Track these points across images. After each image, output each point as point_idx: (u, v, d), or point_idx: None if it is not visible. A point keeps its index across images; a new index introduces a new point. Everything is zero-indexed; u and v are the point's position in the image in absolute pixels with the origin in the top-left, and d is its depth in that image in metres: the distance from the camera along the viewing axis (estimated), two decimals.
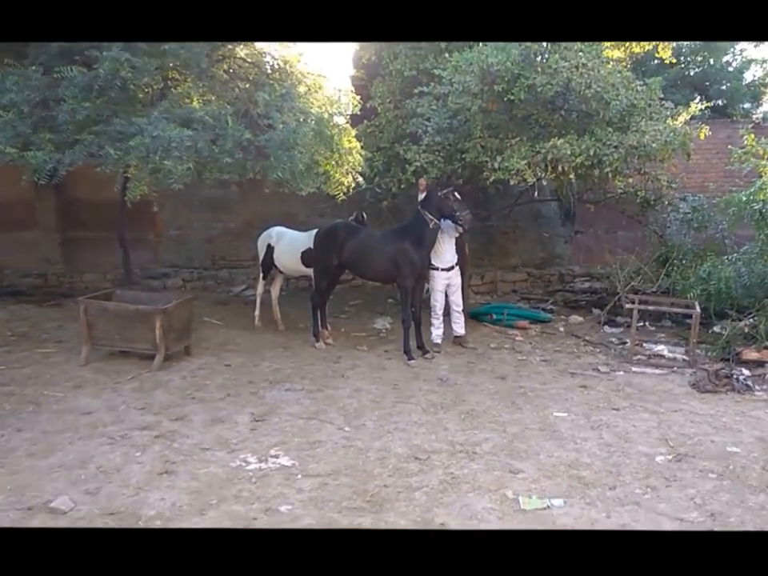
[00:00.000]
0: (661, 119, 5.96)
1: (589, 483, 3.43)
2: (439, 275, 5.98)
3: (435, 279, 6.01)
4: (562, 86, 5.58)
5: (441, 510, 3.10)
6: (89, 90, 4.26)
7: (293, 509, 3.07)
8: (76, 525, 2.88)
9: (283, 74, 5.31)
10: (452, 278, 6.01)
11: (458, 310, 6.10)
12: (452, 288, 6.03)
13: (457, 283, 6.06)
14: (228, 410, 4.35)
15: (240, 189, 6.84)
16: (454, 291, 6.04)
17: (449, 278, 5.99)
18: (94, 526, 2.88)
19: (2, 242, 8.06)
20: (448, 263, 5.96)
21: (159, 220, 8.14)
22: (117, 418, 4.15)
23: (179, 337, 5.38)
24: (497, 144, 5.95)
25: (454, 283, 6.04)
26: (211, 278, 8.56)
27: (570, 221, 8.58)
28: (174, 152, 4.20)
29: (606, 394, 4.95)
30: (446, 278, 5.98)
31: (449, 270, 5.97)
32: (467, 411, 4.46)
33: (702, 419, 4.42)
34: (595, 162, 5.70)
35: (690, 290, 6.19)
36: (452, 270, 5.99)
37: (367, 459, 3.66)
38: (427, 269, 5.91)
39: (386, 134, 6.73)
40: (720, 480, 3.50)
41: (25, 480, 3.28)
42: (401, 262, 5.62)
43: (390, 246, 5.69)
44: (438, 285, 6.01)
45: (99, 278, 8.23)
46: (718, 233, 7.17)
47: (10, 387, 4.64)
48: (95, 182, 5.69)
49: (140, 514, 2.99)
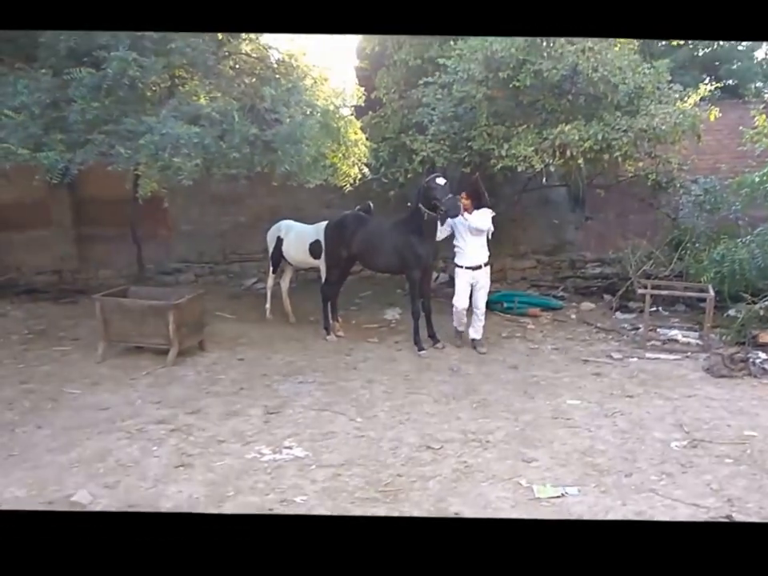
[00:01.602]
0: (670, 101, 5.89)
1: (603, 471, 3.43)
2: (463, 273, 5.58)
3: (458, 277, 5.63)
4: (568, 70, 5.53)
5: (455, 499, 3.13)
6: (98, 91, 4.30)
7: (307, 499, 3.13)
8: None
9: (288, 68, 5.31)
10: (477, 277, 5.58)
11: (477, 312, 5.67)
12: (475, 287, 5.62)
13: (483, 284, 5.62)
14: (242, 403, 4.41)
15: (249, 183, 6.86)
16: (476, 291, 5.62)
17: (474, 277, 5.57)
18: None
19: (18, 240, 8.17)
20: (473, 261, 5.53)
21: (170, 216, 8.19)
22: (134, 412, 4.23)
23: (192, 331, 5.44)
24: (503, 131, 5.91)
25: (480, 284, 5.61)
26: (223, 272, 8.63)
27: (579, 206, 8.49)
28: (183, 149, 4.24)
29: (619, 380, 4.93)
30: (471, 277, 5.56)
31: (474, 268, 5.54)
32: (479, 401, 4.48)
33: (718, 404, 4.40)
34: (604, 147, 5.66)
35: (704, 274, 6.11)
36: (478, 270, 5.55)
37: (380, 449, 3.70)
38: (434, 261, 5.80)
39: (392, 125, 6.71)
40: (737, 465, 3.49)
41: (45, 475, 3.36)
42: (406, 254, 5.54)
43: (396, 237, 5.60)
44: (460, 284, 5.59)
45: (113, 274, 8.32)
46: (731, 214, 7.05)
47: (30, 385, 4.74)
48: (107, 180, 5.74)
49: (158, 506, 3.06)
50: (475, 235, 5.47)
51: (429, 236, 5.53)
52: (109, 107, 4.37)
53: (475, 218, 5.48)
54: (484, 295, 5.66)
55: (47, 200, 8.01)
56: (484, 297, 5.67)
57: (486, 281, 5.64)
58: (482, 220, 5.48)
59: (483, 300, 5.67)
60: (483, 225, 5.46)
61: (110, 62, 4.22)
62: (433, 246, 5.65)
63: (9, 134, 4.26)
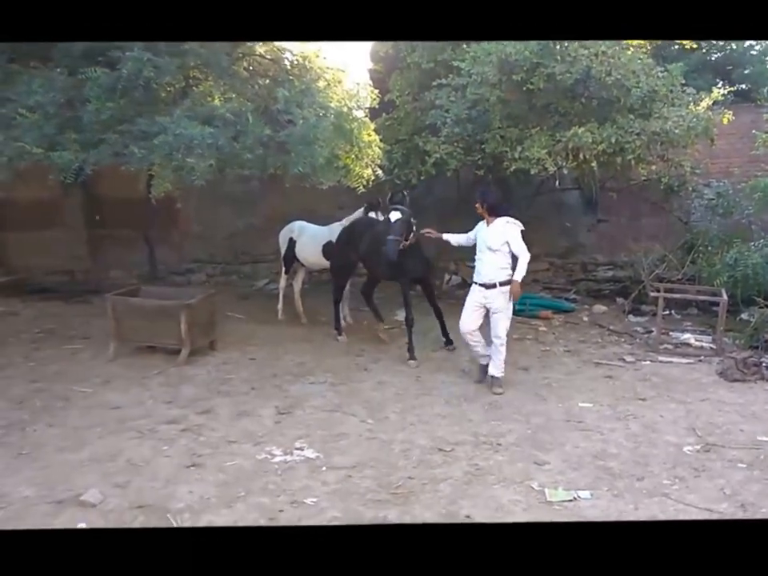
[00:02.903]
0: (683, 105, 5.88)
1: (616, 474, 3.41)
2: (472, 291, 4.75)
3: (469, 295, 4.79)
4: (581, 73, 5.52)
5: (466, 501, 3.11)
6: (112, 91, 4.33)
7: (318, 501, 3.11)
8: (106, 518, 2.95)
9: (302, 70, 5.33)
10: (491, 298, 4.59)
11: (496, 342, 4.64)
12: (491, 311, 4.64)
13: (498, 306, 4.57)
14: (253, 404, 4.42)
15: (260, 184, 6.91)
16: (492, 314, 4.64)
17: (486, 297, 4.61)
18: (122, 519, 2.95)
19: (30, 240, 8.25)
20: (486, 278, 4.59)
21: (182, 216, 8.25)
22: (145, 412, 4.24)
23: (204, 331, 5.46)
24: (516, 134, 5.90)
25: (495, 306, 4.58)
26: (234, 273, 8.67)
27: (592, 209, 8.46)
28: (197, 149, 4.25)
29: (631, 383, 4.90)
30: (483, 296, 4.62)
31: (488, 287, 4.59)
32: (490, 403, 4.46)
33: (731, 408, 4.36)
34: (617, 150, 5.65)
35: (717, 277, 6.09)
36: (493, 290, 4.56)
37: (391, 451, 3.69)
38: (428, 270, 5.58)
39: (405, 127, 6.75)
40: (750, 470, 3.45)
41: (56, 474, 3.36)
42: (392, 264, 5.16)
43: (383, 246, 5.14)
44: (468, 302, 4.74)
45: (125, 274, 8.38)
46: (743, 218, 7.03)
47: (41, 383, 4.76)
48: (120, 180, 5.79)
49: (169, 506, 3.05)
50: (489, 249, 4.58)
51: (413, 247, 5.19)
52: (123, 107, 4.40)
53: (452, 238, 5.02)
54: (502, 322, 4.62)
55: (60, 200, 8.09)
56: (503, 324, 4.62)
57: (502, 303, 4.58)
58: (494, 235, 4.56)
59: (502, 328, 4.63)
60: (493, 242, 4.54)
61: (125, 63, 4.25)
62: (421, 256, 5.38)
63: (24, 133, 4.29)
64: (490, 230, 4.63)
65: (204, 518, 2.96)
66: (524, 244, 4.55)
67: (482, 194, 4.72)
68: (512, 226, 4.60)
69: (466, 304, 4.75)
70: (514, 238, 4.54)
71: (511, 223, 4.61)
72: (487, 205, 4.64)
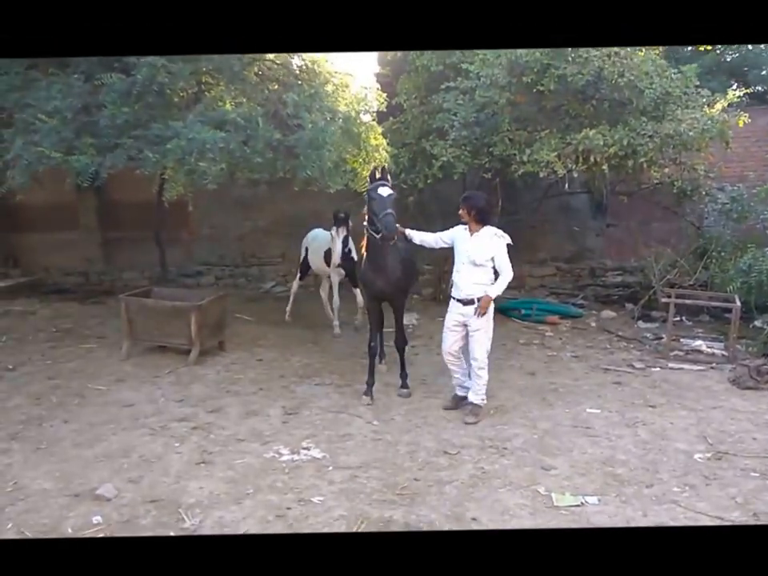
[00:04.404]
0: (697, 107, 5.81)
1: (624, 481, 3.38)
2: (451, 307, 4.24)
3: (448, 312, 4.29)
4: (593, 75, 5.49)
5: (472, 504, 3.12)
6: (128, 96, 4.42)
7: (325, 499, 3.15)
8: (120, 511, 3.02)
9: (311, 74, 5.38)
10: (469, 315, 4.09)
11: (474, 365, 4.17)
12: (469, 330, 4.15)
13: (478, 325, 4.09)
14: (261, 403, 4.47)
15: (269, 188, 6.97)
16: (471, 335, 4.15)
17: (464, 314, 4.12)
18: (136, 513, 3.00)
19: (47, 242, 8.42)
20: (464, 293, 4.11)
21: (193, 219, 8.35)
22: (156, 410, 4.32)
23: (213, 332, 5.53)
24: (525, 136, 5.89)
25: (475, 325, 4.10)
26: (242, 276, 8.76)
27: (601, 213, 8.41)
28: (209, 153, 4.32)
29: (641, 390, 4.86)
30: (460, 313, 4.14)
31: (465, 303, 4.10)
32: (496, 407, 4.45)
33: (743, 416, 4.31)
34: (629, 153, 5.59)
35: (730, 283, 6.01)
36: (471, 305, 4.08)
37: (397, 453, 3.70)
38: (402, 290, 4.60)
39: (412, 130, 6.74)
40: (763, 479, 3.41)
41: (72, 468, 3.45)
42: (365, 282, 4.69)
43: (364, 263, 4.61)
44: (447, 321, 4.26)
45: (137, 276, 8.52)
46: (758, 223, 6.94)
47: (57, 381, 4.87)
48: (133, 183, 5.88)
49: (180, 501, 3.11)
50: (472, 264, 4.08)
51: (385, 263, 4.37)
52: (138, 112, 4.48)
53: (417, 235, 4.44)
54: (482, 343, 4.13)
55: (74, 203, 8.24)
56: (482, 345, 4.14)
57: (482, 322, 4.09)
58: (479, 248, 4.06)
59: (481, 350, 4.14)
60: (478, 256, 4.04)
61: (140, 68, 4.33)
62: (393, 274, 4.41)
63: (43, 138, 4.39)
64: (474, 242, 4.10)
65: (214, 513, 3.01)
66: (509, 261, 4.09)
67: (470, 199, 4.14)
68: (499, 240, 4.09)
69: (445, 323, 4.28)
70: (500, 253, 4.07)
71: (499, 236, 4.10)
72: (476, 211, 4.07)
